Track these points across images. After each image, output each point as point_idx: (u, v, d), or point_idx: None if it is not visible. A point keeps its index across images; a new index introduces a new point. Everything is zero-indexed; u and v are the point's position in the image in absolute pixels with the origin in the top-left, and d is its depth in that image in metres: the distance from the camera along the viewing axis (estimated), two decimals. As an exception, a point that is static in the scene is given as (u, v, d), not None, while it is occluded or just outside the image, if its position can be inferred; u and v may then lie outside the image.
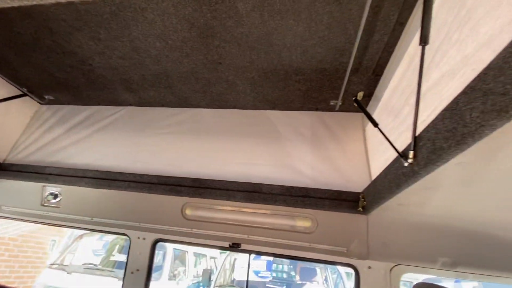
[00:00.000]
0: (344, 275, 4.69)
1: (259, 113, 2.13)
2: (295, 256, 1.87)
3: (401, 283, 1.75)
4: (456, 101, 0.75)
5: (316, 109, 2.03)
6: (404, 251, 1.68)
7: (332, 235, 1.73)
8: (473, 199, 1.15)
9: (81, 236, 5.04)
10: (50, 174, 2.10)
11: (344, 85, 1.63)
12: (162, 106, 2.29)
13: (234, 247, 1.88)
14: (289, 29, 1.37)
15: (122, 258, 4.90)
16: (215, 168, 1.97)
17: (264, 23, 1.35)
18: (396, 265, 1.72)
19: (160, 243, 2.09)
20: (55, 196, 2.09)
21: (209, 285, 4.41)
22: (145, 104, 2.31)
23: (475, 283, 4.54)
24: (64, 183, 2.05)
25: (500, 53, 0.60)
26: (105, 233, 2.23)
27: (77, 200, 2.05)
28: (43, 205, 2.13)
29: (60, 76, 2.06)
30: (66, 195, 2.08)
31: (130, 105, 2.35)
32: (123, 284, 2.01)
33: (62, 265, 4.49)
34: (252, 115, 2.13)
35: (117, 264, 4.73)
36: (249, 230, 1.82)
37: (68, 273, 4.17)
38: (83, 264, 4.61)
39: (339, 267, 4.54)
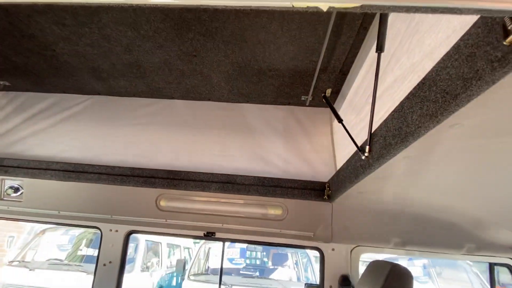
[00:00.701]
0: (313, 259, 5.01)
1: (233, 106, 2.17)
2: (267, 242, 1.99)
3: (360, 262, 1.96)
4: (402, 104, 0.87)
5: (288, 104, 2.12)
6: (363, 234, 1.87)
7: (300, 222, 1.86)
8: (418, 187, 1.33)
9: (43, 231, 4.76)
10: (9, 166, 1.97)
11: (314, 82, 1.74)
12: (133, 96, 2.23)
13: (209, 235, 1.95)
14: (262, 26, 1.42)
15: (91, 252, 4.74)
16: (189, 160, 1.99)
17: (238, 19, 1.39)
18: (356, 246, 1.92)
19: (132, 235, 2.09)
20: (16, 189, 1.98)
21: (183, 274, 4.46)
22: (115, 93, 2.23)
23: (425, 260, 5.11)
24: (26, 175, 1.94)
25: (434, 67, 0.71)
26: (74, 226, 2.17)
27: (41, 193, 1.96)
28: (2, 199, 2.00)
29: (18, 60, 1.91)
30: (29, 189, 1.98)
31: (98, 94, 2.25)
32: (94, 277, 1.99)
33: (23, 261, 4.23)
34: (226, 107, 2.17)
35: (85, 258, 4.57)
36: (223, 219, 1.90)
37: (30, 269, 3.95)
38: (47, 260, 4.38)
39: (308, 251, 4.84)
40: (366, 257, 2.06)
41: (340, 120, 1.47)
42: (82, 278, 3.83)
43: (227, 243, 4.62)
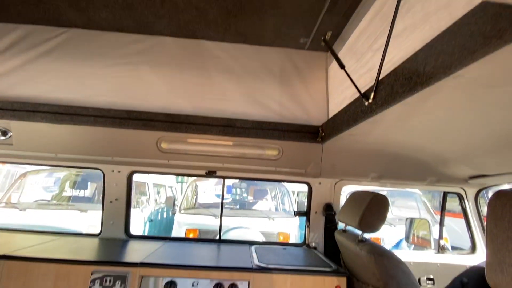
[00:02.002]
0: (290, 192, 5.62)
1: (229, 46, 2.08)
2: (263, 178, 2.21)
3: (342, 194, 2.30)
4: (415, 55, 0.94)
5: (286, 46, 2.08)
6: (346, 170, 2.15)
7: (294, 161, 2.07)
8: (402, 129, 1.51)
9: (24, 174, 4.67)
10: None
11: (318, 23, 1.70)
12: (117, 30, 2.02)
13: (210, 174, 2.11)
14: None
15: (76, 193, 4.84)
16: (188, 103, 1.98)
17: None
18: (339, 180, 2.22)
19: None
20: (4, 132, 1.88)
21: (173, 209, 4.84)
22: (95, 27, 1.99)
23: (384, 192, 5.98)
24: (12, 117, 1.83)
25: (456, 22, 0.77)
26: (74, 168, 2.19)
27: (34, 136, 1.89)
28: (-11, 143, 1.92)
29: None
30: (18, 131, 1.89)
31: (76, 26, 2.00)
32: (103, 212, 2.13)
33: (11, 203, 4.25)
34: (222, 48, 2.07)
35: (72, 199, 4.68)
36: (223, 159, 2.03)
37: (21, 210, 4.01)
38: (35, 201, 4.44)
39: (286, 186, 5.38)
40: (344, 190, 2.41)
41: (342, 67, 1.52)
42: (76, 216, 4.01)
43: (215, 181, 4.94)
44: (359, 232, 1.67)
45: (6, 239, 1.97)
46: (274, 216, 4.51)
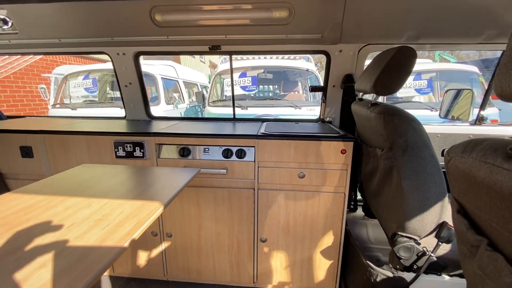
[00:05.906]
0: (321, 81, 5.26)
1: None
2: (273, 50, 1.97)
3: (366, 63, 1.98)
4: None
5: None
6: (374, 30, 1.76)
7: (308, 23, 1.73)
8: None
9: (66, 78, 5.05)
10: None
11: None
12: None
13: (214, 49, 1.93)
14: None
15: (117, 94, 5.20)
16: None
17: None
18: (365, 45, 1.87)
19: (144, 74, 2.11)
20: (4, 21, 1.85)
21: (204, 104, 5.01)
22: None
23: (433, 74, 5.20)
24: (7, 1, 1.74)
25: None
26: (81, 54, 2.19)
27: (33, 21, 1.84)
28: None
29: None
30: (17, 18, 1.84)
31: None
32: (121, 95, 2.24)
33: (64, 104, 4.83)
34: None
35: (114, 99, 5.09)
36: (226, 30, 1.80)
37: (72, 109, 4.57)
38: (84, 101, 4.96)
39: (317, 74, 5.01)
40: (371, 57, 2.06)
41: None
42: (118, 111, 4.45)
43: (238, 73, 4.79)
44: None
45: (53, 122, 2.28)
46: (301, 104, 4.43)
